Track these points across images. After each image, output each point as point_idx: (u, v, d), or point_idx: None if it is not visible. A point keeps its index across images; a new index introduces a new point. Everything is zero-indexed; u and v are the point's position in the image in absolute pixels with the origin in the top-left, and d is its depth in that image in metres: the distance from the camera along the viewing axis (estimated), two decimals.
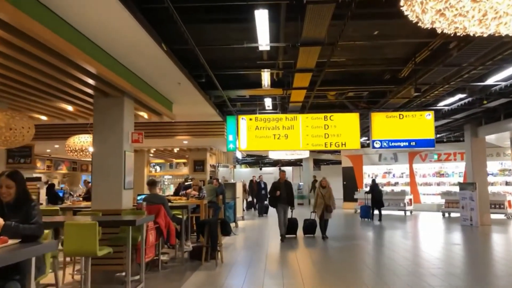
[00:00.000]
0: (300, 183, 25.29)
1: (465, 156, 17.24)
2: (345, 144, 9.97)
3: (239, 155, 18.37)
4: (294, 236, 9.90)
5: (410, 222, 14.12)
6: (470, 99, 9.79)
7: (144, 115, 8.39)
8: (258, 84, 8.66)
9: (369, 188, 15.59)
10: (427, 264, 6.84)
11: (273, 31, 5.67)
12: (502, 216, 14.03)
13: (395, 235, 10.92)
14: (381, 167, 19.65)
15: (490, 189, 14.15)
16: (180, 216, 7.55)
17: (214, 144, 14.00)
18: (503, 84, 8.26)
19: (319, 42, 5.55)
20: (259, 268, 6.73)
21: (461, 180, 17.56)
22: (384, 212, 16.89)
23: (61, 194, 11.97)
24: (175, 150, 14.63)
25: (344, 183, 19.69)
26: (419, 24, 2.83)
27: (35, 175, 18.62)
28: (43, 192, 11.12)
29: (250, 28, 5.65)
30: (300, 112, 10.89)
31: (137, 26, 4.52)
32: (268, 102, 10.73)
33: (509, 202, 14.14)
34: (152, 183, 7.18)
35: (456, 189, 16.96)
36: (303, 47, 5.63)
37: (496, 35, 2.83)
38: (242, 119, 10.14)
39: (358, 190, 18.18)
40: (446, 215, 15.51)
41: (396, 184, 19.15)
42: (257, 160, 30.62)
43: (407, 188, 18.14)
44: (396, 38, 6.37)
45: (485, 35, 2.80)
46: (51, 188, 11.74)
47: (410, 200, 17.11)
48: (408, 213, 16.59)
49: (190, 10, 5.32)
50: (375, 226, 13.02)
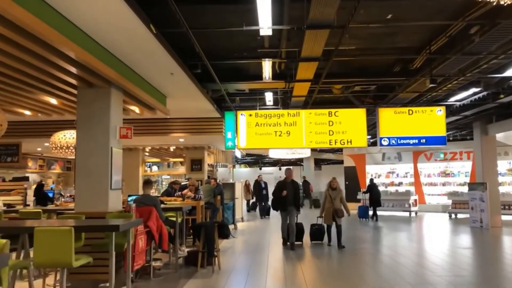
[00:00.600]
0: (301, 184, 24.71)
1: (471, 155, 17.00)
2: (351, 142, 9.36)
3: (238, 154, 17.77)
4: (301, 243, 8.85)
5: (416, 224, 13.53)
6: (483, 93, 9.20)
7: (136, 109, 7.79)
8: (259, 76, 8.06)
9: (366, 188, 15.19)
10: (441, 271, 6.25)
11: (276, 11, 5.06)
12: (511, 218, 13.45)
13: (404, 239, 10.31)
14: (384, 167, 19.24)
15: (499, 189, 13.56)
16: (174, 219, 6.96)
17: (212, 143, 13.42)
18: None
19: (327, 25, 4.93)
20: (259, 275, 6.17)
21: (467, 180, 17.05)
22: (388, 213, 16.48)
23: (51, 195, 11.35)
24: (172, 149, 14.04)
25: (346, 183, 19.16)
26: None
27: (27, 174, 18.13)
28: (30, 193, 10.54)
29: (250, 10, 5.04)
30: (302, 108, 10.28)
31: (121, 3, 3.92)
32: (269, 97, 10.12)
33: None
34: (146, 183, 6.57)
35: (462, 189, 16.52)
36: (309, 29, 5.00)
37: None
38: (242, 115, 9.53)
39: (361, 190, 17.61)
40: (453, 216, 14.95)
41: (400, 184, 18.70)
42: (256, 159, 30.05)
43: (412, 188, 17.63)
44: (411, 22, 5.77)
45: None
46: (40, 188, 11.12)
47: (415, 200, 16.59)
48: (413, 214, 16.06)
49: None
50: (379, 228, 12.45)
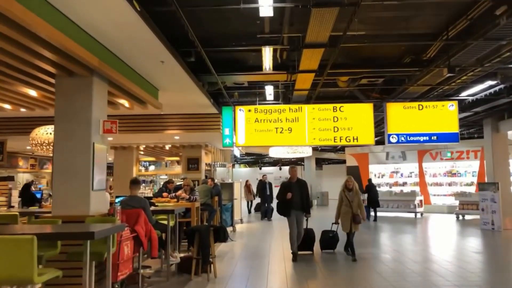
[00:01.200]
0: None
1: (478, 154, 16.41)
2: (357, 139, 8.73)
3: (237, 153, 17.12)
4: (311, 252, 7.72)
5: (423, 226, 12.91)
6: (499, 87, 8.57)
7: (125, 103, 7.15)
8: (258, 67, 7.42)
9: (365, 188, 14.61)
10: (453, 277, 5.62)
11: None
12: None
13: (412, 242, 9.69)
14: (388, 166, 18.69)
15: None
16: (165, 222, 6.33)
17: (210, 141, 12.79)
18: None
19: (337, 2, 4.31)
20: (259, 284, 5.58)
21: (474, 180, 16.47)
22: (393, 214, 15.86)
23: (39, 196, 10.72)
24: (167, 147, 13.41)
25: None
26: None
27: (19, 174, 17.53)
28: (15, 193, 9.91)
29: None
30: (305, 102, 9.65)
31: None
32: (269, 91, 9.48)
33: None
34: (134, 182, 5.92)
35: (470, 189, 15.93)
36: (316, 8, 4.37)
37: None
38: (240, 110, 8.89)
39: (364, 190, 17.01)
40: (460, 217, 14.35)
41: (404, 184, 18.14)
42: (256, 159, 29.43)
43: (417, 189, 17.02)
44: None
45: None
46: (27, 188, 10.50)
47: (421, 201, 15.98)
48: (418, 215, 15.44)
49: None
50: (385, 230, 11.83)
